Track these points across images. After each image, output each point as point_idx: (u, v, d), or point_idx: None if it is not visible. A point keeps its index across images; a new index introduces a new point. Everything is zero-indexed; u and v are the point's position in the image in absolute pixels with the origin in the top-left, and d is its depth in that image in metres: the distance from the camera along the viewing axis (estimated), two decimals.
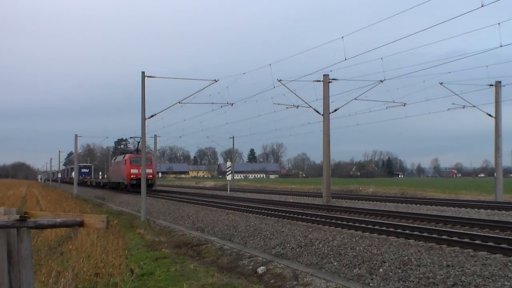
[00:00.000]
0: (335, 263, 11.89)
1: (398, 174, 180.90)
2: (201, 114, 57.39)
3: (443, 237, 12.67)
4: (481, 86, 28.87)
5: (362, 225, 15.70)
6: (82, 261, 10.99)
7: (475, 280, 9.00)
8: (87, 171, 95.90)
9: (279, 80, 26.34)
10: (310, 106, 27.77)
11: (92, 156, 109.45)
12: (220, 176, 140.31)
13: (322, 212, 21.47)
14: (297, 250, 13.74)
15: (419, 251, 11.19)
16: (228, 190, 48.76)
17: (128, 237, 17.34)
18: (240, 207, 23.99)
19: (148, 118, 25.86)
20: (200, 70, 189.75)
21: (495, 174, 31.04)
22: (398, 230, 14.10)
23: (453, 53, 45.08)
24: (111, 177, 53.56)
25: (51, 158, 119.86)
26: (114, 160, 53.87)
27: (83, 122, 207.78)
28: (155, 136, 57.64)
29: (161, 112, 27.31)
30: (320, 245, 13.36)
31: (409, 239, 12.71)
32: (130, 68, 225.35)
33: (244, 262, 12.85)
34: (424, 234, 13.39)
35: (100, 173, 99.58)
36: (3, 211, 5.51)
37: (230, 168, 49.60)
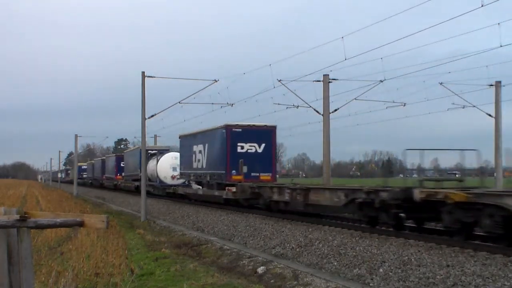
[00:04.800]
0: (335, 263, 11.89)
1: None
2: (201, 115, 57.06)
3: (443, 237, 12.66)
4: (481, 86, 28.82)
5: (362, 225, 15.68)
6: (82, 261, 11.00)
7: (475, 280, 9.00)
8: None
9: (279, 80, 26.26)
10: (310, 106, 27.70)
11: (92, 156, 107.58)
12: None
13: None
14: (297, 250, 13.73)
15: (419, 251, 11.19)
16: None
17: (128, 237, 17.35)
18: (240, 207, 23.96)
19: (148, 118, 25.86)
20: (200, 70, 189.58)
21: (494, 174, 31.01)
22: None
23: (453, 53, 45.01)
24: None
25: (51, 158, 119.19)
26: None
27: (83, 122, 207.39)
28: (155, 136, 57.64)
29: (161, 112, 27.28)
30: (320, 245, 13.36)
31: (409, 239, 12.70)
32: (130, 68, 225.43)
33: (244, 262, 12.85)
34: (424, 234, 13.39)
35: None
36: (3, 211, 5.51)
37: None
